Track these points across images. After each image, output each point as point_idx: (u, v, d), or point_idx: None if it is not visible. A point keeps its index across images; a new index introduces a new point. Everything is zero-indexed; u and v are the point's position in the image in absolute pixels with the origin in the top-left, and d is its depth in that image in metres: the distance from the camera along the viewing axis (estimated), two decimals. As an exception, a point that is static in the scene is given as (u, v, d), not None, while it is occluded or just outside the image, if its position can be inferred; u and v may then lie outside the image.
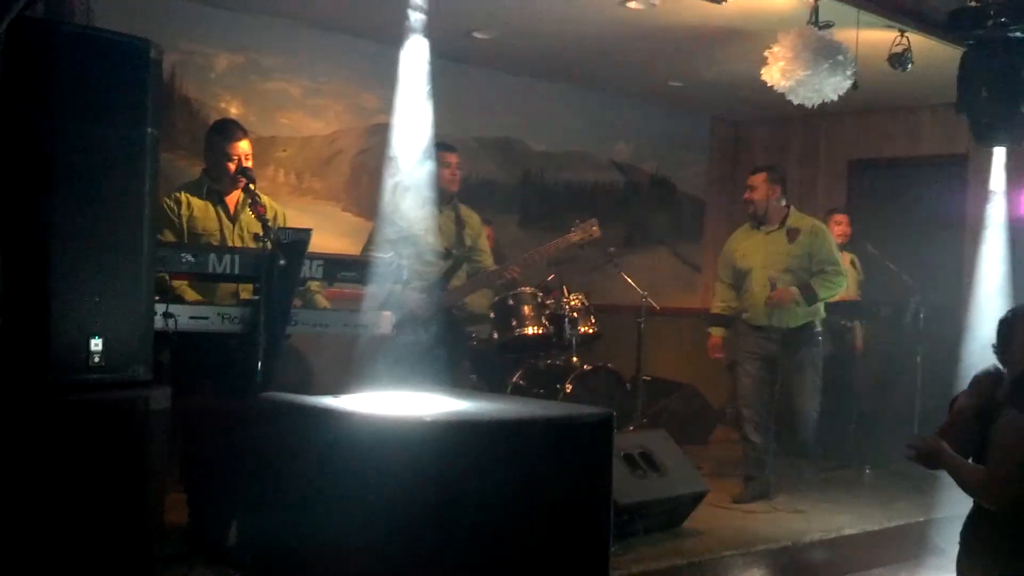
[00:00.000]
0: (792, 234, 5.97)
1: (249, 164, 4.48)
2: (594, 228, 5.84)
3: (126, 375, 3.17)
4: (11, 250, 2.96)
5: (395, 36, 5.11)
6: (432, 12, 4.94)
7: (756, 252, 5.98)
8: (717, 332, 6.23)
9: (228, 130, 4.57)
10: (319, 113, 6.91)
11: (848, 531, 5.34)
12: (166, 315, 3.65)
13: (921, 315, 6.85)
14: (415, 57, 5.02)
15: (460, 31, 6.59)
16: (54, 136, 3.04)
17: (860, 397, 7.34)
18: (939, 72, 6.16)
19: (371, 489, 2.93)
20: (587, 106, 8.42)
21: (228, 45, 6.44)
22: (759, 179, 6.03)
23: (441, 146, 5.55)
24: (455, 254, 5.60)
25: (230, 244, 4.44)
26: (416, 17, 4.96)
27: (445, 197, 5.64)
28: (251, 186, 4.31)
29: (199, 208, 4.47)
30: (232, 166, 4.45)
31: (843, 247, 7.42)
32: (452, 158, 5.64)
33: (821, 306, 6.04)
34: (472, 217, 5.83)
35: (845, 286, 6.19)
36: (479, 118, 7.67)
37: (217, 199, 4.52)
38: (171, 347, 3.90)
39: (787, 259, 5.93)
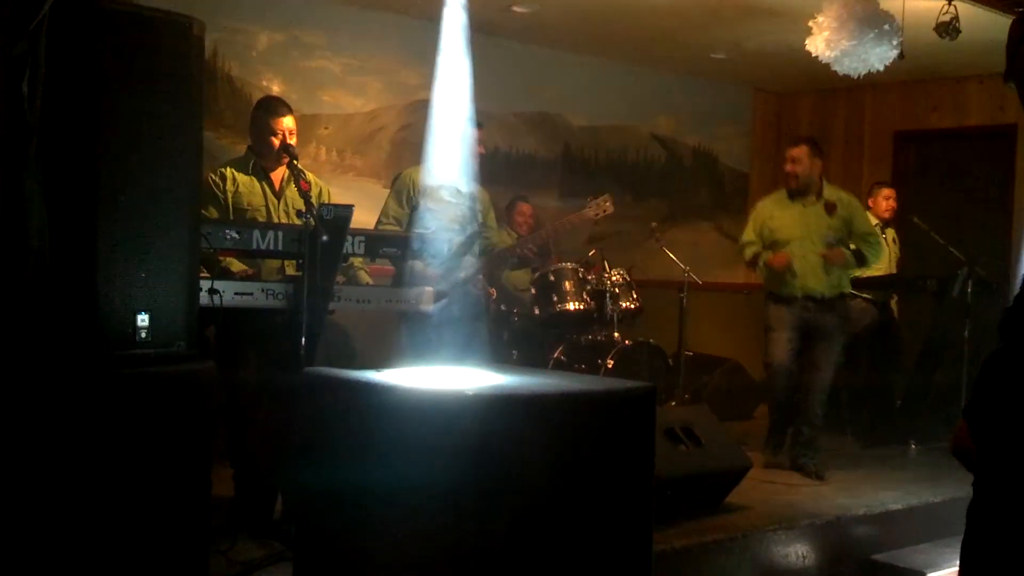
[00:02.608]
0: (830, 207, 5.96)
1: (293, 141, 4.50)
2: (607, 204, 5.91)
3: (172, 350, 3.21)
4: (58, 227, 3.00)
5: (435, 12, 5.10)
6: (471, -13, 4.93)
7: (795, 224, 5.92)
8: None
9: (272, 106, 4.59)
10: (360, 90, 6.93)
11: (893, 507, 5.29)
12: (211, 291, 3.69)
13: (968, 289, 6.75)
14: (454, 33, 5.01)
15: (499, 5, 6.57)
16: (97, 113, 3.07)
17: (905, 372, 7.27)
18: (987, 41, 6.04)
19: (413, 461, 2.95)
20: (627, 80, 8.36)
21: (269, 23, 6.46)
22: (803, 152, 5.95)
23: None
24: (469, 230, 5.58)
25: (275, 220, 4.47)
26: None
27: (469, 175, 5.59)
28: (295, 162, 4.33)
29: (244, 184, 4.49)
30: (276, 141, 4.46)
31: (888, 223, 7.34)
32: (478, 134, 5.51)
33: (846, 278, 6.08)
34: (483, 193, 5.78)
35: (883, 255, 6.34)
36: (518, 93, 7.65)
37: (262, 175, 4.53)
38: (216, 322, 3.95)
39: (827, 232, 5.92)
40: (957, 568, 2.79)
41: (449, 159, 5.15)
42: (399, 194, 5.38)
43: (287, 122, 4.50)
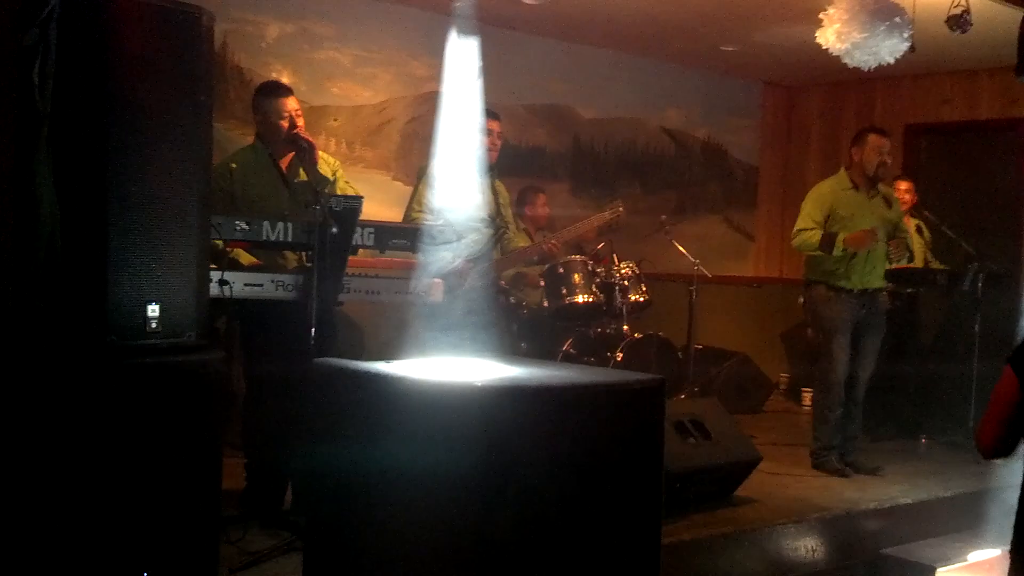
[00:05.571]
0: (888, 201, 5.96)
1: (301, 121, 4.45)
2: (620, 208, 6.17)
3: (182, 340, 3.21)
4: (69, 216, 3.01)
5: (444, 3, 5.08)
6: (481, -22, 4.90)
7: (865, 216, 5.80)
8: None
9: (273, 89, 4.55)
10: (369, 82, 6.92)
11: (902, 501, 5.28)
12: (221, 282, 3.69)
13: (979, 283, 6.72)
14: (464, 24, 4.99)
15: (509, -3, 6.55)
16: (108, 103, 3.07)
17: (917, 366, 7.24)
18: (998, 34, 6.02)
19: (421, 452, 2.95)
20: (637, 72, 8.34)
21: (278, 14, 6.46)
22: (889, 143, 5.92)
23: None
24: (497, 224, 5.57)
25: (286, 209, 4.43)
26: (465, -16, 4.92)
27: (485, 166, 5.54)
28: (305, 153, 4.30)
29: (254, 174, 4.45)
30: (285, 124, 4.41)
31: (908, 213, 7.32)
32: (493, 126, 5.45)
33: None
34: (502, 187, 5.75)
35: None
36: (528, 85, 7.63)
37: (272, 164, 4.49)
38: (227, 314, 3.95)
39: (889, 226, 5.92)
40: (967, 562, 2.78)
41: (457, 162, 5.06)
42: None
43: (291, 103, 4.45)
